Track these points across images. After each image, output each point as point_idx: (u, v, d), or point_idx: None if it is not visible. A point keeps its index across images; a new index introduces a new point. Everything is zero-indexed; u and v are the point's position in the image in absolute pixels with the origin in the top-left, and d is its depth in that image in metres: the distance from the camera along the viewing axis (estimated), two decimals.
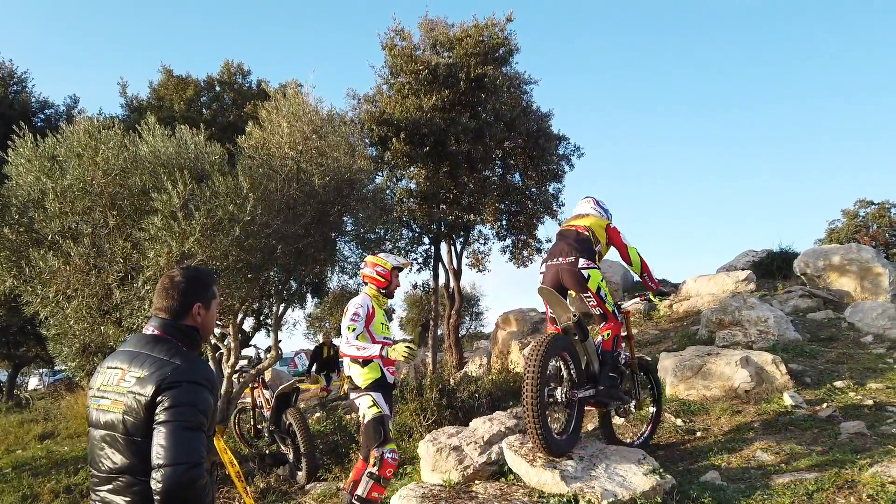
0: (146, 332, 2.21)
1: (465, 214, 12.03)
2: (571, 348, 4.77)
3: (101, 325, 6.67)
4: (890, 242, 26.57)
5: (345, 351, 4.55)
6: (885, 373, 6.24)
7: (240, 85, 15.47)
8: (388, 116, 11.50)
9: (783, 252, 13.13)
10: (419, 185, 11.89)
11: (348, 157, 8.09)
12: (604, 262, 5.55)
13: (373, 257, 5.04)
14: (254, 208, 6.31)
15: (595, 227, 5.13)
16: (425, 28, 12.39)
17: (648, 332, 9.94)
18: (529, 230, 13.32)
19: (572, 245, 4.98)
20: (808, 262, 10.36)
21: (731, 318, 8.15)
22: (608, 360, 4.96)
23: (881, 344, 7.26)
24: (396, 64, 11.88)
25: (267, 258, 7.23)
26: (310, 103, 8.07)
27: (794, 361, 6.67)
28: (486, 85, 11.72)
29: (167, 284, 2.23)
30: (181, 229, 5.97)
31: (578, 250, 4.92)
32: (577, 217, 5.35)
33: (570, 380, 4.72)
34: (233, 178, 6.48)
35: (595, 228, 5.11)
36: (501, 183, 12.91)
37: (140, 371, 2.04)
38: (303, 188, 7.37)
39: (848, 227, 27.26)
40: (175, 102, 14.27)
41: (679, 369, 6.70)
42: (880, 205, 27.64)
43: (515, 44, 12.27)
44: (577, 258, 4.88)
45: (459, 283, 13.63)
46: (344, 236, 9.11)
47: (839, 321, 8.33)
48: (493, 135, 11.69)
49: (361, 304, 4.71)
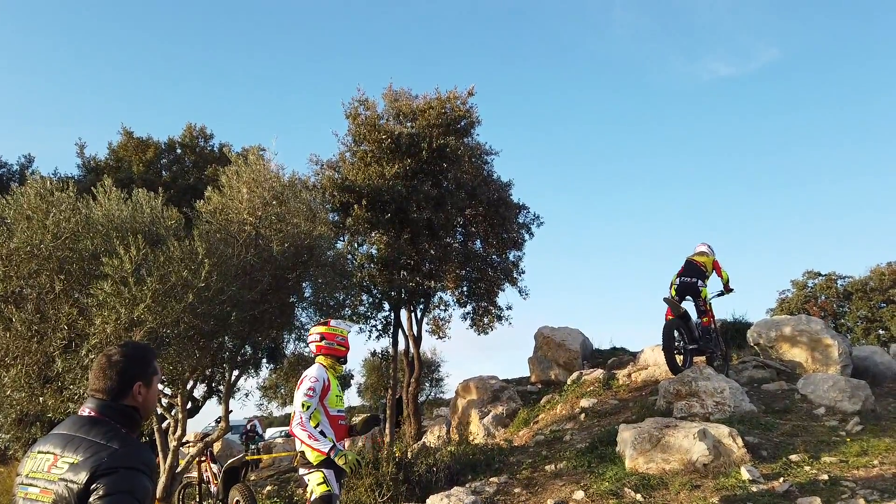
0: (82, 414, 2.08)
1: (426, 281, 12.04)
2: (684, 325, 8.64)
3: (40, 394, 6.34)
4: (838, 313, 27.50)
5: (295, 432, 4.39)
6: (838, 446, 6.31)
7: (201, 148, 15.46)
8: (350, 183, 11.59)
9: (736, 322, 13.38)
10: (380, 251, 11.89)
11: (309, 222, 8.07)
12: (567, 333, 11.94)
13: (325, 327, 4.84)
14: (209, 274, 6.19)
15: (707, 262, 8.97)
16: (389, 98, 12.71)
17: (608, 402, 9.89)
18: (490, 297, 13.37)
19: (694, 270, 8.82)
20: (760, 332, 10.57)
21: (688, 389, 8.19)
22: (705, 332, 8.83)
23: (833, 416, 7.37)
24: (360, 132, 12.09)
25: (221, 325, 7.04)
26: (271, 169, 8.10)
27: (750, 434, 6.70)
28: (447, 155, 11.98)
29: (104, 364, 2.12)
30: (131, 295, 5.79)
31: (697, 274, 8.77)
32: (698, 254, 9.13)
33: (682, 340, 8.65)
34: (189, 242, 6.38)
35: (707, 263, 8.96)
36: (462, 250, 13.02)
37: (74, 456, 1.91)
38: (261, 254, 7.28)
39: (798, 298, 28.17)
40: (134, 164, 14.12)
41: (638, 442, 6.65)
42: (827, 276, 28.74)
43: (477, 116, 12.68)
44: (697, 280, 8.74)
45: (419, 349, 13.48)
46: (302, 302, 8.97)
47: (792, 392, 8.45)
48: (454, 203, 11.87)
49: (317, 377, 4.56)
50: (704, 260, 8.99)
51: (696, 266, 8.89)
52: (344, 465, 4.28)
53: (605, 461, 6.88)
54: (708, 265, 8.98)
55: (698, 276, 8.77)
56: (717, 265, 9.11)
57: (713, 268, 9.05)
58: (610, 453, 7.03)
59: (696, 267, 8.88)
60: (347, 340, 4.86)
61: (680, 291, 8.77)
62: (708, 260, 9.03)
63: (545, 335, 13.48)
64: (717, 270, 9.11)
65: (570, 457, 7.30)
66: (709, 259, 9.04)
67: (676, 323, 8.60)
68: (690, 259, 9.04)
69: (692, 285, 8.72)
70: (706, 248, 9.21)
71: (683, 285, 8.75)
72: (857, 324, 26.95)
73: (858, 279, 27.73)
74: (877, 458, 5.88)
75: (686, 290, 8.76)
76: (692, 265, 8.91)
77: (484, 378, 13.64)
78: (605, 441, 7.39)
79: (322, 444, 4.30)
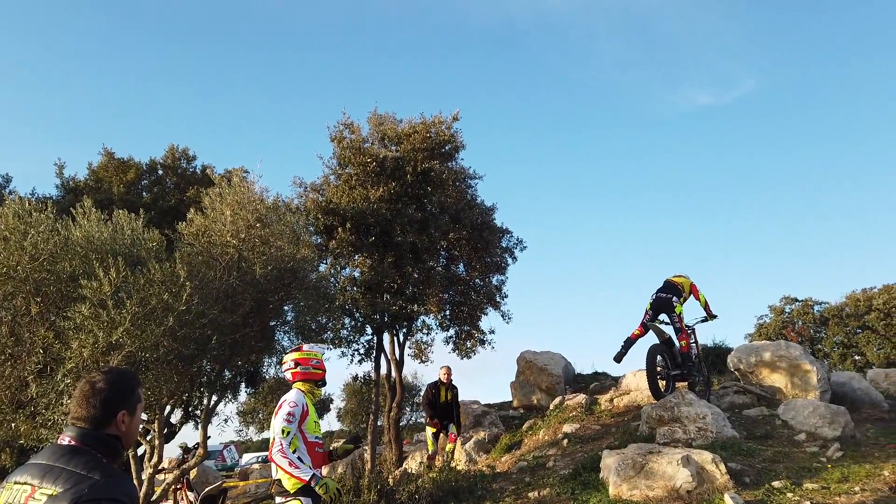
0: (62, 443, 2.01)
1: (409, 304, 11.98)
2: (666, 351, 8.94)
3: (12, 420, 6.16)
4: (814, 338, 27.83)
5: (275, 459, 4.31)
6: (819, 472, 6.34)
7: (183, 170, 15.32)
8: (334, 206, 11.57)
9: (717, 347, 13.53)
10: (363, 274, 11.84)
11: (292, 245, 8.02)
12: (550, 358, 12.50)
13: (299, 353, 4.75)
14: (190, 297, 6.11)
15: (684, 283, 9.39)
16: (374, 122, 12.76)
17: (591, 428, 9.88)
18: (473, 321, 13.33)
19: (670, 287, 9.20)
20: (741, 357, 10.65)
21: (670, 415, 8.20)
22: (687, 357, 8.97)
23: (814, 442, 7.42)
24: (345, 156, 12.10)
25: (201, 349, 6.93)
26: (255, 191, 8.06)
27: (732, 460, 6.70)
28: (432, 178, 12.03)
29: (87, 392, 2.06)
30: (110, 318, 5.68)
31: (673, 291, 9.15)
32: (675, 276, 9.54)
33: (665, 366, 8.91)
34: (170, 265, 6.29)
35: (684, 283, 9.37)
36: (446, 274, 13.01)
37: (53, 487, 1.84)
38: (243, 277, 7.21)
39: (775, 323, 28.46)
40: (114, 185, 13.95)
41: (622, 468, 6.62)
42: (804, 302, 29.11)
43: (461, 141, 12.74)
44: (672, 296, 9.06)
45: (401, 373, 13.37)
46: (284, 326, 8.88)
47: (773, 418, 8.50)
48: (438, 226, 11.89)
49: (296, 402, 4.48)
50: (682, 281, 9.43)
51: (673, 284, 9.33)
52: (325, 495, 4.20)
53: (589, 488, 6.84)
54: (685, 286, 9.38)
55: (674, 293, 9.16)
56: (694, 288, 9.48)
57: (690, 290, 9.44)
58: (593, 480, 6.99)
59: (672, 285, 9.31)
60: (323, 363, 4.80)
61: (655, 307, 9.12)
62: (686, 282, 9.44)
63: (527, 359, 13.47)
64: (695, 293, 9.47)
65: (553, 483, 7.24)
66: (686, 281, 9.46)
67: (660, 348, 8.84)
68: (668, 279, 9.52)
69: (667, 300, 9.06)
70: (684, 273, 9.72)
71: (659, 301, 9.11)
72: (833, 349, 27.27)
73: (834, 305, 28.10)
74: (858, 484, 5.91)
75: (661, 305, 9.10)
76: (669, 283, 9.38)
77: (466, 403, 13.55)
78: (588, 467, 7.35)
79: (303, 472, 4.22)
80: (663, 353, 8.91)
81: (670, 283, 9.39)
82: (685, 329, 9.19)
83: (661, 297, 9.17)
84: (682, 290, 9.34)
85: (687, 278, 9.58)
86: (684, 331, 9.16)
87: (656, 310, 9.17)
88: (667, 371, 8.95)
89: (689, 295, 9.47)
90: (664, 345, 8.96)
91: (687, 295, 9.42)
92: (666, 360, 8.96)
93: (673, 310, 9.08)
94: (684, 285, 9.41)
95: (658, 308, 9.17)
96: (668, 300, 9.12)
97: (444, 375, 10.37)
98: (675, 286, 9.32)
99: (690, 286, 9.49)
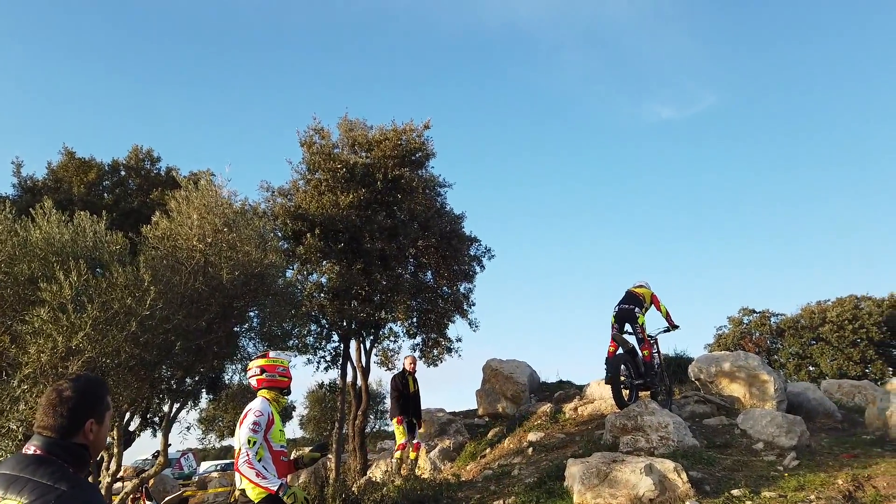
0: (27, 452, 1.96)
1: (377, 312, 11.93)
2: (630, 360, 9.07)
3: None
4: (771, 349, 28.58)
5: (241, 470, 4.25)
6: (777, 481, 6.52)
7: (147, 171, 14.99)
8: (303, 211, 11.47)
9: (678, 357, 13.76)
10: (331, 280, 11.74)
11: (260, 250, 7.93)
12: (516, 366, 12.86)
13: (265, 360, 4.69)
14: (154, 302, 5.99)
15: (645, 293, 9.56)
16: (344, 128, 12.70)
17: (555, 436, 9.96)
18: (440, 329, 13.32)
19: (632, 298, 9.40)
20: (701, 367, 10.90)
21: (633, 424, 8.33)
22: (650, 367, 9.21)
23: (772, 451, 7.62)
24: (314, 161, 12.01)
25: (164, 355, 6.80)
26: (223, 195, 7.95)
27: (693, 468, 6.85)
28: (402, 186, 12.02)
29: (54, 399, 2.00)
30: (70, 323, 5.54)
31: (635, 302, 9.34)
32: (637, 286, 9.72)
33: (629, 374, 9.02)
34: (134, 269, 6.16)
35: (645, 294, 9.55)
36: (414, 281, 12.98)
37: (18, 498, 1.80)
38: (209, 282, 7.10)
39: (734, 334, 29.14)
40: (75, 185, 13.57)
41: (586, 476, 6.70)
42: (762, 313, 29.90)
43: (432, 149, 12.76)
44: (634, 307, 9.26)
45: (367, 381, 13.28)
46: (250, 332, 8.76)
47: (732, 427, 8.71)
48: (407, 234, 11.87)
49: (262, 411, 4.43)
50: (643, 291, 9.63)
51: (635, 295, 9.52)
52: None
53: (554, 496, 6.91)
54: (646, 297, 9.58)
55: (636, 303, 9.37)
56: (655, 298, 9.69)
57: (651, 300, 9.64)
58: (558, 488, 7.05)
59: (634, 296, 9.51)
60: (289, 370, 4.76)
61: (619, 318, 9.35)
62: (647, 292, 9.65)
63: (493, 367, 13.52)
64: (656, 304, 9.68)
65: (518, 492, 7.29)
66: (647, 291, 9.67)
67: (623, 357, 9.01)
68: (630, 290, 9.71)
69: (630, 311, 9.29)
70: (645, 283, 9.88)
71: (622, 312, 9.34)
72: (789, 360, 28.04)
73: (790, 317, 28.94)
74: (813, 493, 6.09)
75: (624, 316, 9.33)
76: (631, 294, 9.57)
77: (431, 411, 13.53)
78: (553, 476, 7.42)
79: (271, 482, 4.18)
80: (627, 362, 9.08)
81: (632, 294, 9.58)
82: (648, 339, 9.42)
83: (624, 309, 9.37)
84: (643, 300, 9.53)
85: (648, 288, 9.78)
86: (647, 341, 9.38)
87: (620, 322, 9.37)
88: (630, 380, 9.11)
89: (651, 305, 9.68)
90: (628, 354, 9.14)
91: (648, 305, 9.62)
92: (629, 369, 9.13)
93: (636, 320, 9.29)
94: (645, 296, 9.61)
95: (622, 320, 9.37)
96: (631, 311, 9.32)
97: (411, 364, 10.24)
98: (636, 297, 9.52)
99: (651, 296, 9.70)
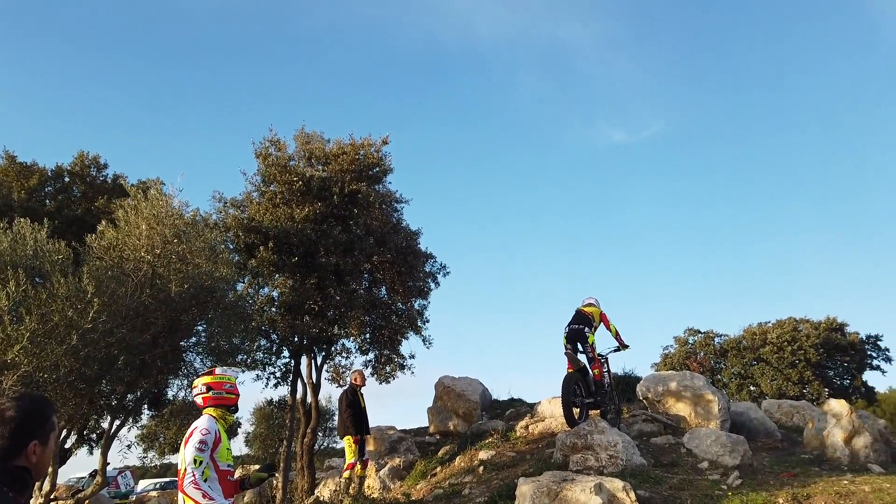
0: None
1: (330, 327, 11.76)
2: (581, 379, 9.20)
3: None
4: (715, 369, 29.40)
5: (187, 492, 4.09)
6: (720, 500, 6.67)
7: (93, 178, 14.48)
8: (256, 224, 11.26)
9: (627, 376, 14.00)
10: (284, 294, 11.54)
11: (210, 263, 7.74)
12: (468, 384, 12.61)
13: (211, 377, 4.53)
14: (97, 314, 5.77)
15: (594, 312, 9.71)
16: (301, 140, 12.59)
17: (506, 455, 9.97)
18: (393, 345, 13.22)
19: (582, 318, 9.50)
20: (649, 387, 11.12)
21: (584, 443, 8.42)
22: (600, 386, 9.45)
23: (716, 470, 7.82)
24: (270, 173, 11.84)
25: (105, 369, 6.53)
26: (174, 206, 7.75)
27: (641, 487, 6.95)
28: (359, 200, 11.96)
29: None
30: (6, 335, 5.27)
31: (585, 322, 9.46)
32: (586, 305, 9.85)
33: (580, 393, 9.12)
34: (76, 279, 5.93)
35: (594, 313, 9.69)
36: (368, 297, 12.88)
37: None
38: (157, 294, 6.88)
39: (679, 353, 29.86)
40: (15, 191, 12.99)
41: (537, 496, 6.72)
42: (706, 334, 30.76)
43: (390, 164, 12.77)
44: (584, 327, 9.39)
45: (318, 398, 13.05)
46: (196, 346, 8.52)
47: (678, 446, 8.90)
48: (362, 249, 11.79)
49: (208, 429, 4.27)
50: (592, 311, 9.74)
51: (585, 315, 9.61)
52: None
53: None
54: (595, 316, 9.70)
55: (586, 323, 9.47)
56: (604, 317, 9.82)
57: (600, 319, 9.77)
58: None
59: (584, 316, 9.61)
60: (237, 387, 4.62)
61: (570, 338, 9.40)
62: (595, 311, 9.77)
63: (445, 385, 13.48)
64: (605, 322, 9.80)
65: None
66: (596, 310, 9.78)
67: (576, 377, 9.10)
68: (579, 309, 9.79)
69: (580, 332, 9.38)
70: (594, 301, 9.99)
71: (572, 332, 9.40)
72: (731, 380, 28.89)
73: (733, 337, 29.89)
74: None
75: (575, 336, 9.39)
76: (580, 314, 9.66)
77: (382, 428, 13.36)
78: (503, 495, 7.41)
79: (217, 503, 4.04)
80: (578, 381, 9.17)
81: (581, 314, 9.67)
82: (598, 358, 9.55)
83: (574, 329, 9.46)
84: (593, 319, 9.65)
85: (597, 307, 9.91)
86: (597, 360, 9.51)
87: (572, 342, 9.44)
88: (581, 399, 9.20)
89: (600, 323, 9.80)
90: (579, 373, 9.24)
91: (598, 324, 9.75)
92: (580, 388, 9.22)
93: (586, 340, 9.41)
94: (594, 315, 9.73)
95: (573, 340, 9.45)
96: (581, 331, 9.42)
97: (360, 378, 9.98)
98: (586, 316, 9.62)
99: (601, 315, 9.83)
